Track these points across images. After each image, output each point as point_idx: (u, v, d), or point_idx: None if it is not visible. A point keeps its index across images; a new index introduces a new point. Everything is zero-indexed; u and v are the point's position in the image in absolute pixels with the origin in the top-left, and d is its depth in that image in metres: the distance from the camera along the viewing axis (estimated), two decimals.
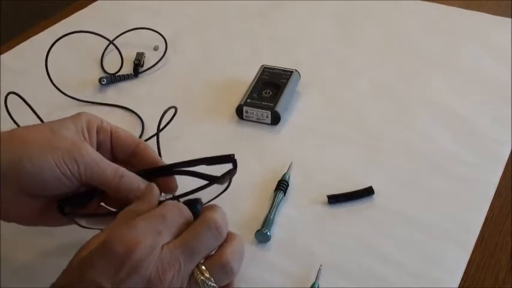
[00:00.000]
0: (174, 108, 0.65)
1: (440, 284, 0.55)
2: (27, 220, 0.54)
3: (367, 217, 0.61)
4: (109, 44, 0.85)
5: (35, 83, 0.79)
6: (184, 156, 0.56)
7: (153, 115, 0.66)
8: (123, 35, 0.87)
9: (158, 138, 0.66)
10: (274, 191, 0.63)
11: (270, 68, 0.79)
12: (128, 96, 0.79)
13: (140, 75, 0.82)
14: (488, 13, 0.94)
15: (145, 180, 0.53)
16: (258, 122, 0.73)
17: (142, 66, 0.83)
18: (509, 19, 0.92)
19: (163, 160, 0.58)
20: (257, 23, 0.93)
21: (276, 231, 0.60)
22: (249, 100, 0.73)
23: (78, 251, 0.46)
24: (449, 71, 0.82)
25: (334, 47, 0.88)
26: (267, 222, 0.60)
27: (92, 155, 0.51)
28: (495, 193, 0.65)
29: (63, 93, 0.77)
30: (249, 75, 0.78)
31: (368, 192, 0.63)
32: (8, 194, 0.50)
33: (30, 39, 0.89)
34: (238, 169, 0.55)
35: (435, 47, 0.87)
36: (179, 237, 0.46)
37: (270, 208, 0.61)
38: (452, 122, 0.73)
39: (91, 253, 0.44)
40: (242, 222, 0.60)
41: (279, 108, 0.72)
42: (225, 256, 0.46)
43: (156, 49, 0.87)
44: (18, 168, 0.49)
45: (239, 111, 0.73)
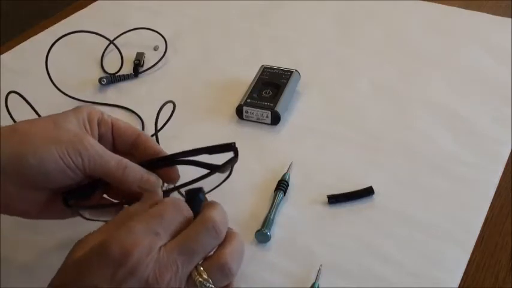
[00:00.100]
0: (172, 102, 0.65)
1: (440, 284, 0.55)
2: (31, 213, 0.54)
3: (367, 217, 0.61)
4: (109, 44, 0.85)
5: (35, 83, 0.79)
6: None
7: (153, 115, 0.66)
8: (123, 35, 0.87)
9: (157, 136, 0.66)
10: (274, 191, 0.63)
11: (270, 68, 0.79)
12: (128, 96, 0.79)
13: (140, 75, 0.82)
14: (488, 13, 0.94)
15: (148, 171, 0.54)
16: (258, 122, 0.73)
17: (142, 66, 0.83)
18: (509, 19, 0.92)
19: (165, 151, 0.58)
20: (257, 23, 0.93)
21: (276, 231, 0.60)
22: (249, 100, 0.73)
23: (72, 249, 0.45)
24: (449, 71, 0.82)
25: (334, 47, 0.88)
26: (267, 222, 0.60)
27: (95, 147, 0.52)
28: (495, 193, 0.65)
29: (63, 93, 0.77)
30: (249, 75, 0.78)
31: (368, 192, 0.63)
32: (12, 187, 0.50)
33: (30, 39, 0.89)
34: (239, 169, 0.55)
35: (435, 47, 0.87)
36: (177, 238, 0.46)
37: (270, 208, 0.61)
38: (452, 122, 0.73)
39: (88, 255, 0.44)
40: (242, 222, 0.60)
41: (279, 108, 0.72)
42: (223, 257, 0.46)
43: (156, 49, 0.87)
44: (22, 161, 0.49)
45: (239, 111, 0.73)
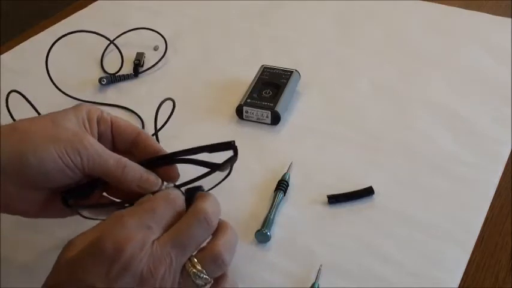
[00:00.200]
0: (171, 100, 0.64)
1: (440, 284, 0.55)
2: (30, 213, 0.54)
3: (367, 217, 0.61)
4: (109, 44, 0.85)
5: (35, 83, 0.79)
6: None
7: (153, 115, 0.66)
8: (123, 35, 0.87)
9: (157, 135, 0.66)
10: (274, 191, 0.63)
11: (270, 68, 0.79)
12: (128, 96, 0.79)
13: (140, 75, 0.82)
14: (488, 13, 0.94)
15: (147, 170, 0.53)
16: (258, 122, 0.73)
17: (142, 66, 0.83)
18: (509, 19, 0.92)
19: (165, 150, 0.58)
20: (257, 23, 0.93)
21: (276, 231, 0.60)
22: (249, 100, 0.73)
23: (65, 249, 0.45)
24: (449, 71, 0.82)
25: (334, 47, 0.88)
26: (267, 222, 0.60)
27: (95, 146, 0.51)
28: (495, 193, 0.64)
29: (64, 93, 0.77)
30: (249, 75, 0.78)
31: (368, 192, 0.63)
32: (11, 187, 0.50)
33: (30, 39, 0.89)
34: (239, 169, 0.55)
35: (435, 47, 0.87)
36: (169, 231, 0.46)
37: (270, 208, 0.61)
38: (452, 122, 0.73)
39: (81, 254, 0.44)
40: (242, 222, 0.60)
41: (279, 108, 0.72)
42: (216, 248, 0.46)
43: (156, 49, 0.86)
44: (21, 161, 0.49)
45: (239, 111, 0.73)
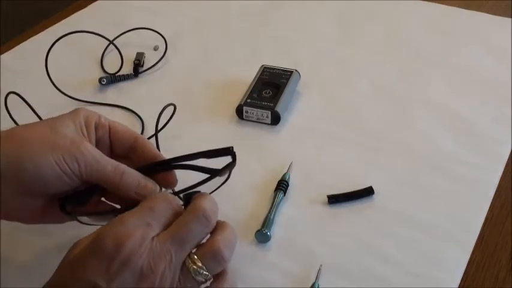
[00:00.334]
0: (173, 105, 0.65)
1: (440, 284, 0.55)
2: (29, 219, 0.54)
3: (367, 217, 0.61)
4: (109, 44, 0.85)
5: (35, 83, 0.79)
6: None
7: (153, 115, 0.66)
8: (123, 35, 0.87)
9: (157, 137, 0.66)
10: (274, 191, 0.63)
11: (270, 68, 0.79)
12: (128, 96, 0.79)
13: (140, 75, 0.82)
14: (488, 13, 0.94)
15: (145, 176, 0.53)
16: (258, 122, 0.73)
17: (142, 66, 0.83)
18: (509, 19, 0.92)
19: (163, 155, 0.58)
20: (257, 23, 0.93)
21: (276, 231, 0.60)
22: (249, 100, 0.73)
23: (68, 251, 0.46)
24: (449, 71, 0.82)
25: (334, 47, 0.88)
26: (267, 222, 0.60)
27: (92, 153, 0.51)
28: (495, 193, 0.64)
29: (63, 93, 0.77)
30: (249, 75, 0.78)
31: (368, 192, 0.63)
32: (9, 193, 0.50)
33: (30, 39, 0.89)
34: (239, 169, 0.55)
35: (435, 47, 0.87)
36: (169, 228, 0.46)
37: (270, 208, 0.61)
38: (452, 122, 0.73)
39: (82, 252, 0.44)
40: (242, 222, 0.60)
41: (279, 108, 0.72)
42: (216, 244, 0.47)
43: (156, 49, 0.86)
44: (19, 167, 0.49)
45: (239, 111, 0.73)
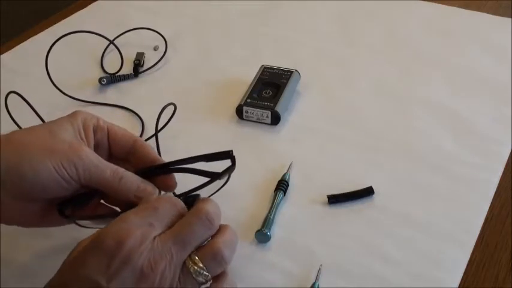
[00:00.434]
0: (173, 105, 0.65)
1: (440, 284, 0.55)
2: (28, 222, 0.54)
3: (367, 217, 0.61)
4: (109, 44, 0.85)
5: (35, 83, 0.79)
6: (184, 156, 0.55)
7: (153, 115, 0.66)
8: (123, 35, 0.87)
9: (157, 137, 0.66)
10: (274, 191, 0.63)
11: (270, 68, 0.79)
12: (128, 96, 0.79)
13: (140, 75, 0.82)
14: (488, 13, 0.94)
15: (144, 180, 0.53)
16: (258, 122, 0.73)
17: (142, 66, 0.83)
18: (509, 19, 0.92)
19: (162, 158, 0.58)
20: (257, 23, 0.93)
21: (276, 231, 0.60)
22: (249, 100, 0.73)
23: (72, 251, 0.46)
24: (449, 71, 0.82)
25: (334, 47, 0.88)
26: (267, 222, 0.60)
27: (91, 157, 0.51)
28: (495, 193, 0.64)
29: (63, 93, 0.77)
30: (249, 75, 0.78)
31: (368, 192, 0.63)
32: (8, 198, 0.50)
33: (30, 39, 0.89)
34: (238, 169, 0.55)
35: (435, 47, 0.87)
36: (171, 229, 0.46)
37: (270, 208, 0.61)
38: (452, 122, 0.73)
39: (83, 250, 0.44)
40: (242, 222, 0.60)
41: (279, 108, 0.72)
42: (216, 245, 0.47)
43: (156, 49, 0.86)
44: (18, 173, 0.49)
45: (239, 111, 0.73)
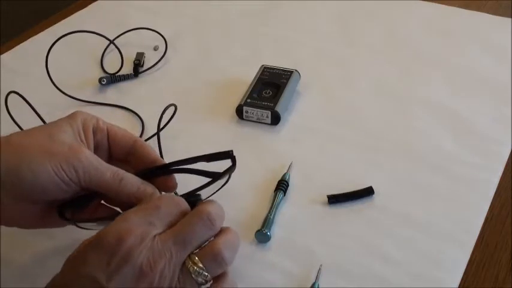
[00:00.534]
0: (174, 105, 0.65)
1: (440, 284, 0.55)
2: (28, 224, 0.54)
3: (367, 217, 0.61)
4: (109, 44, 0.85)
5: (35, 83, 0.79)
6: (184, 156, 0.55)
7: (153, 115, 0.66)
8: (123, 35, 0.87)
9: (159, 137, 0.66)
10: (274, 191, 0.63)
11: (270, 68, 0.79)
12: (128, 96, 0.79)
13: (140, 75, 0.82)
14: (488, 13, 0.94)
15: (144, 181, 0.53)
16: (258, 122, 0.73)
17: (142, 66, 0.83)
18: (509, 19, 0.92)
19: (162, 158, 0.58)
20: (257, 23, 0.93)
21: (276, 231, 0.60)
22: (249, 100, 0.73)
23: (74, 250, 0.46)
24: (449, 71, 0.82)
25: (334, 47, 0.88)
26: (267, 222, 0.60)
27: (90, 160, 0.51)
28: (495, 193, 0.64)
29: (64, 93, 0.77)
30: (249, 75, 0.78)
31: (368, 192, 0.63)
32: (7, 201, 0.50)
33: (30, 39, 0.89)
34: (238, 169, 0.55)
35: (435, 47, 0.87)
36: (172, 228, 0.46)
37: (270, 208, 0.61)
38: (452, 122, 0.73)
39: (83, 249, 0.44)
40: (242, 222, 0.60)
41: (279, 108, 0.72)
42: (217, 246, 0.47)
43: (156, 49, 0.86)
44: (17, 175, 0.49)
45: (239, 111, 0.73)
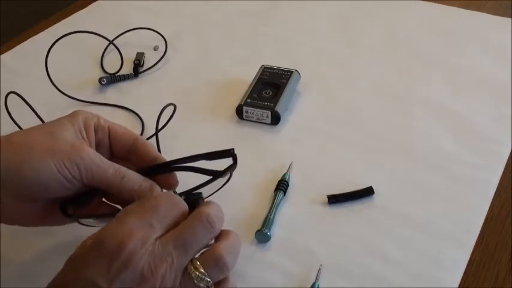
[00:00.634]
0: (173, 105, 0.65)
1: (440, 284, 0.55)
2: (29, 222, 0.54)
3: (367, 217, 0.61)
4: (109, 44, 0.85)
5: (35, 83, 0.79)
6: (184, 156, 0.56)
7: (153, 115, 0.66)
8: (123, 35, 0.87)
9: (157, 136, 0.66)
10: (274, 191, 0.63)
11: (270, 68, 0.79)
12: (128, 96, 0.79)
13: (140, 75, 0.82)
14: (488, 13, 0.94)
15: (146, 178, 0.53)
16: (258, 122, 0.73)
17: (142, 66, 0.83)
18: (509, 19, 0.92)
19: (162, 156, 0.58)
20: (257, 23, 0.93)
21: (276, 231, 0.60)
22: (249, 100, 0.73)
23: (76, 250, 0.46)
24: (449, 71, 0.82)
25: (334, 47, 0.88)
26: (267, 222, 0.60)
27: (93, 157, 0.51)
28: (495, 193, 0.64)
29: (63, 93, 0.77)
30: (249, 75, 0.78)
31: (368, 192, 0.63)
32: (9, 199, 0.50)
33: (30, 39, 0.89)
34: (238, 169, 0.55)
35: (435, 47, 0.87)
36: (172, 231, 0.46)
37: (270, 208, 0.61)
38: (452, 122, 0.73)
39: (84, 251, 0.44)
40: (242, 222, 0.60)
41: (279, 108, 0.72)
42: (219, 251, 0.46)
43: (156, 49, 0.86)
44: (19, 173, 0.49)
45: (239, 111, 0.73)
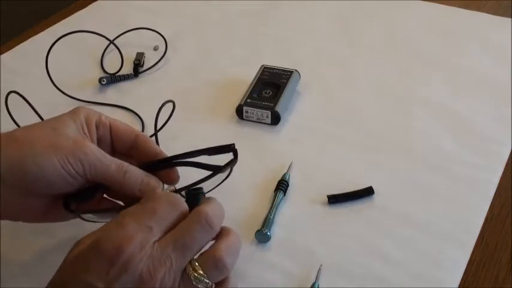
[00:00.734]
0: (172, 102, 0.65)
1: (440, 284, 0.55)
2: (32, 218, 0.54)
3: (367, 217, 0.61)
4: (109, 44, 0.85)
5: (35, 83, 0.79)
6: None
7: (153, 115, 0.66)
8: (123, 35, 0.87)
9: (157, 136, 0.66)
10: (274, 191, 0.63)
11: (270, 68, 0.79)
12: (128, 96, 0.79)
13: (140, 75, 0.82)
14: (488, 13, 0.94)
15: (148, 173, 0.53)
16: (258, 122, 0.73)
17: (142, 66, 0.83)
18: (509, 19, 0.92)
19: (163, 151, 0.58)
20: (257, 23, 0.93)
21: (276, 231, 0.60)
22: (249, 100, 0.73)
23: (71, 249, 0.46)
24: (449, 71, 0.82)
25: (334, 47, 0.88)
26: (267, 222, 0.60)
27: (95, 153, 0.51)
28: (495, 193, 0.64)
29: (64, 93, 0.77)
30: (249, 75, 0.78)
31: (368, 192, 0.63)
32: (11, 195, 0.50)
33: (30, 39, 0.89)
34: (239, 169, 0.55)
35: (435, 47, 0.87)
36: (170, 233, 0.46)
37: (270, 208, 0.61)
38: (452, 122, 0.73)
39: (83, 252, 0.44)
40: (242, 222, 0.60)
41: (279, 108, 0.72)
42: (218, 252, 0.46)
43: (156, 49, 0.86)
44: (22, 169, 0.49)
45: (239, 111, 0.73)
